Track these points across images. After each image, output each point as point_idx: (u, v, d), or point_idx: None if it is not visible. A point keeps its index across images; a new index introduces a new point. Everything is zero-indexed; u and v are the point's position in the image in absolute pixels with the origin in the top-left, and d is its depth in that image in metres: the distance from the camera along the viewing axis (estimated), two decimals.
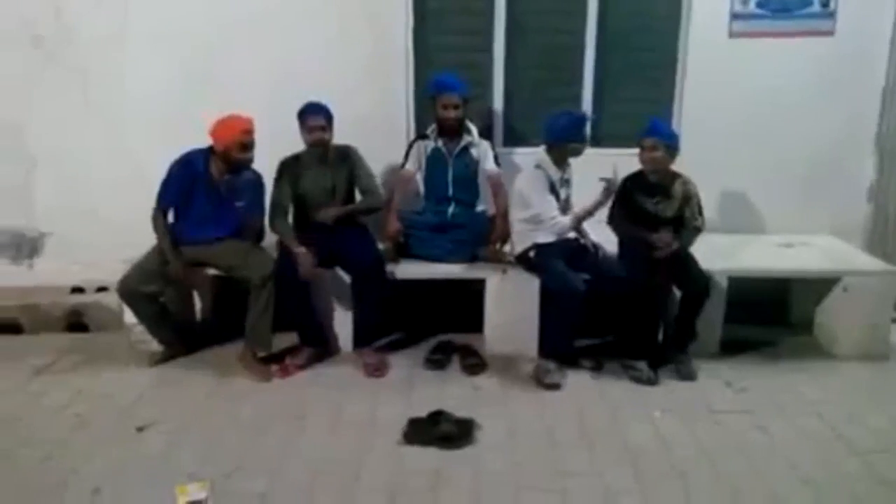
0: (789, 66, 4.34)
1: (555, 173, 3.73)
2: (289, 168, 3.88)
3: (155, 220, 3.74)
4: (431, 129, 4.06)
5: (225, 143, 3.63)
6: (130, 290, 3.69)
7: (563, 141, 3.67)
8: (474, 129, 4.08)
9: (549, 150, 3.74)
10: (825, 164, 4.44)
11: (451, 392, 3.55)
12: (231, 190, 3.76)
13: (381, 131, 4.28)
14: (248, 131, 3.64)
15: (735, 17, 4.30)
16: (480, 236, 4.00)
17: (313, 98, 3.77)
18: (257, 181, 3.84)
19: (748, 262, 4.03)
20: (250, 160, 3.72)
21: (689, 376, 3.69)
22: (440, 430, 3.09)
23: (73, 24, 4.26)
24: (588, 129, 3.78)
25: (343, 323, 3.92)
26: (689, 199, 3.76)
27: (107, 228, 4.27)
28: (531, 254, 3.76)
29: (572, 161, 3.81)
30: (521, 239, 3.80)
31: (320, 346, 3.87)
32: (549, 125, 3.73)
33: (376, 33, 4.31)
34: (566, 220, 3.70)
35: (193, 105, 4.18)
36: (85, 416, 3.30)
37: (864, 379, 3.74)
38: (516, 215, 3.81)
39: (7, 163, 4.44)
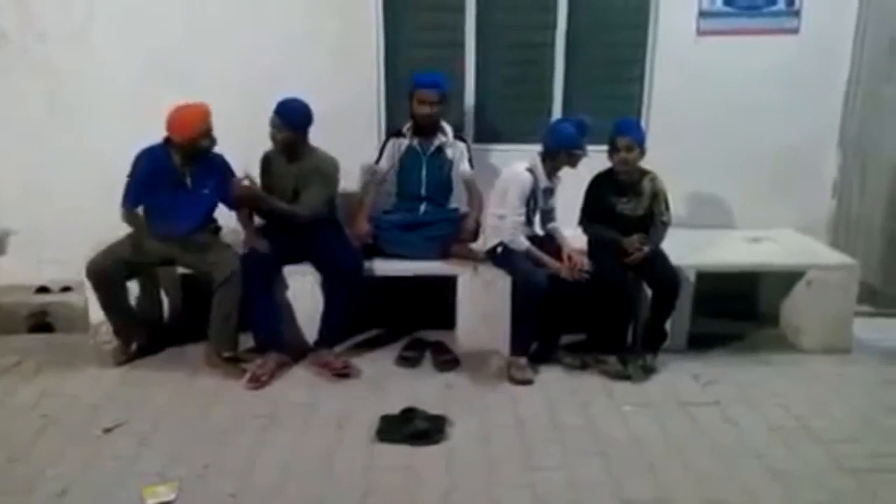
0: (756, 64, 4.40)
1: (543, 181, 3.75)
2: (264, 161, 3.82)
3: (130, 217, 3.68)
4: (407, 127, 4.05)
5: (190, 133, 3.56)
6: (98, 271, 3.63)
7: (568, 148, 3.65)
8: (449, 130, 4.07)
9: (546, 157, 3.73)
10: (791, 161, 4.51)
11: (424, 389, 3.55)
12: (196, 179, 3.71)
13: (351, 126, 4.25)
14: (209, 115, 3.60)
15: (703, 14, 4.35)
16: (451, 234, 4.00)
17: (283, 93, 3.72)
18: (222, 163, 3.76)
19: (716, 256, 4.08)
20: (214, 144, 3.67)
21: (649, 371, 3.72)
22: (413, 427, 3.09)
23: (35, 19, 4.18)
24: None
25: (309, 324, 3.87)
26: (657, 195, 3.79)
27: (72, 227, 4.17)
28: (498, 250, 3.78)
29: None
30: (492, 234, 3.81)
31: (280, 351, 3.77)
32: (554, 132, 3.73)
33: (346, 28, 4.28)
34: (523, 241, 3.71)
35: (160, 101, 4.11)
36: (51, 417, 3.25)
37: (828, 371, 3.81)
38: (492, 210, 3.82)
39: None
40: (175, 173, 3.67)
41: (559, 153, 3.69)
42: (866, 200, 4.58)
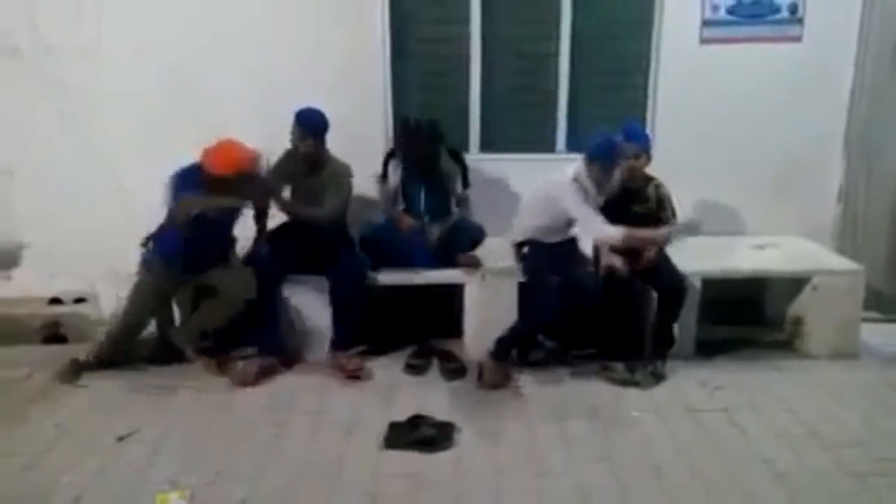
0: (759, 72, 4.42)
1: (590, 188, 3.67)
2: (286, 160, 3.88)
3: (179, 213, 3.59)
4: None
5: (219, 171, 3.47)
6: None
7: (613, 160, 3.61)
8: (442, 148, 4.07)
9: (591, 167, 3.63)
10: (796, 167, 4.53)
11: (431, 396, 3.58)
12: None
13: (359, 138, 4.29)
14: (252, 162, 3.54)
15: (706, 23, 4.38)
16: (457, 243, 4.02)
17: (293, 106, 3.76)
18: None
19: (721, 263, 4.09)
20: (257, 193, 3.73)
21: (660, 377, 3.73)
22: (420, 434, 3.12)
23: (49, 35, 4.25)
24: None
25: (315, 331, 3.93)
26: (662, 201, 3.82)
27: (85, 239, 4.25)
28: (525, 249, 3.80)
29: None
30: (523, 232, 3.84)
31: (279, 355, 3.83)
32: (602, 144, 3.63)
33: (353, 41, 4.34)
34: (617, 231, 3.55)
35: (170, 116, 4.21)
36: (64, 426, 3.29)
37: (835, 377, 3.81)
38: (529, 222, 3.82)
39: None
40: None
41: (602, 163, 3.61)
42: (872, 206, 4.59)
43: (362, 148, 4.23)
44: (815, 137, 4.51)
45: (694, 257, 4.00)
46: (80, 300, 4.34)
